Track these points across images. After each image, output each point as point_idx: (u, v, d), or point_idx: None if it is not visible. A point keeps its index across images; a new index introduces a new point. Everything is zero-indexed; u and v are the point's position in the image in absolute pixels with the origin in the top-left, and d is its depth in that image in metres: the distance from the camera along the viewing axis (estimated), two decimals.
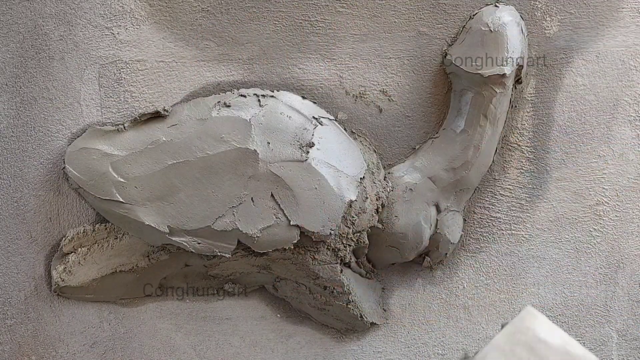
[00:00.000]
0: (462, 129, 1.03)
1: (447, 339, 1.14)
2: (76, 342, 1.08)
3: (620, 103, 1.08)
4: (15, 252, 1.04)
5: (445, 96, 1.05)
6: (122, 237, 1.04)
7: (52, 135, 1.01)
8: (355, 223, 1.00)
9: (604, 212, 1.11)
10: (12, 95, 1.00)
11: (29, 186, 1.02)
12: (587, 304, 1.14)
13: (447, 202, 1.05)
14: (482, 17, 1.00)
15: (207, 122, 0.97)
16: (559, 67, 1.06)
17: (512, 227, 1.11)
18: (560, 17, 1.04)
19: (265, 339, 1.12)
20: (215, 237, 0.97)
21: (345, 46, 1.03)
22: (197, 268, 1.05)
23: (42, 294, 1.06)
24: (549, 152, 1.09)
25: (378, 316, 1.11)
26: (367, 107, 1.05)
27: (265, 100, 0.99)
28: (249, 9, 1.01)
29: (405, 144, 1.07)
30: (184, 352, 1.11)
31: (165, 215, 0.97)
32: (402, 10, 1.02)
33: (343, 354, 1.13)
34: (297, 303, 1.10)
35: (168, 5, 1.00)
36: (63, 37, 0.99)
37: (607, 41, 1.06)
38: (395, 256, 1.07)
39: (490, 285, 1.13)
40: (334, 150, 0.99)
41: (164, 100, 1.02)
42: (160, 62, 1.01)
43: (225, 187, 0.96)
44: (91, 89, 1.01)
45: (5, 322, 1.06)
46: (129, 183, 0.97)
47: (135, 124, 0.99)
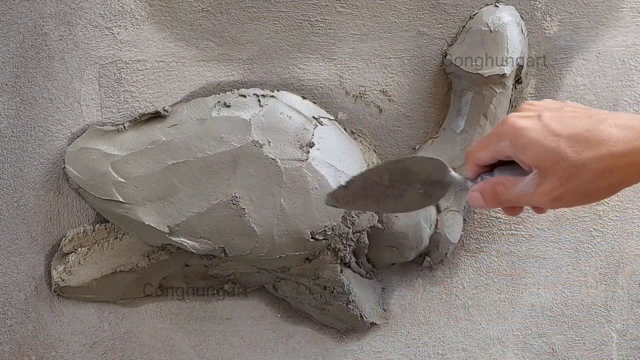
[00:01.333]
0: (462, 129, 1.03)
1: (447, 339, 1.14)
2: (76, 342, 1.08)
3: (620, 103, 1.08)
4: (15, 252, 1.04)
5: (445, 96, 1.05)
6: (122, 237, 1.04)
7: (52, 135, 1.01)
8: (355, 223, 1.00)
9: (604, 212, 1.11)
10: (12, 95, 1.00)
11: (29, 186, 1.02)
12: (587, 304, 1.14)
13: (447, 202, 1.05)
14: (482, 17, 1.00)
15: (207, 122, 0.97)
16: (559, 67, 1.06)
17: (512, 227, 1.11)
18: (560, 17, 1.04)
19: (265, 339, 1.12)
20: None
21: (345, 46, 1.03)
22: (197, 268, 1.05)
23: (42, 294, 1.06)
24: None
25: (378, 316, 1.11)
26: (367, 107, 1.05)
27: (265, 100, 0.99)
28: (249, 9, 1.01)
29: (405, 144, 1.07)
30: (184, 352, 1.11)
31: (165, 215, 0.97)
32: (402, 10, 1.02)
33: (343, 354, 1.13)
34: (297, 303, 1.10)
35: (168, 5, 1.00)
36: (63, 37, 0.99)
37: (607, 41, 1.06)
38: (395, 256, 1.07)
39: (490, 285, 1.13)
40: (334, 150, 0.99)
41: (164, 100, 1.02)
42: (160, 62, 1.01)
43: (225, 187, 0.96)
44: (91, 89, 1.01)
45: (5, 322, 1.06)
46: (129, 183, 0.97)
47: (135, 124, 0.99)
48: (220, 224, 0.96)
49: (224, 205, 0.96)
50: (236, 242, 0.97)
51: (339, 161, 0.98)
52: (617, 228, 1.12)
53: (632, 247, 1.13)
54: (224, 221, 0.96)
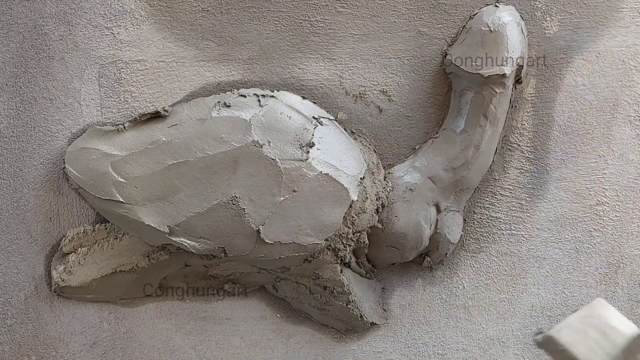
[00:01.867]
0: (462, 129, 1.03)
1: (447, 339, 1.14)
2: (76, 342, 1.08)
3: (620, 103, 1.08)
4: (15, 252, 1.04)
5: (445, 96, 1.05)
6: (122, 237, 1.04)
7: (52, 135, 1.01)
8: (355, 223, 1.00)
9: (604, 212, 1.11)
10: (12, 95, 1.00)
11: (29, 186, 1.02)
12: (587, 304, 1.14)
13: (447, 202, 1.05)
14: (482, 17, 1.00)
15: (207, 122, 0.97)
16: (559, 67, 1.06)
17: (512, 227, 1.11)
18: (560, 17, 1.04)
19: (265, 339, 1.12)
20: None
21: (345, 46, 1.03)
22: (197, 268, 1.05)
23: (42, 294, 1.06)
24: (549, 152, 1.09)
25: (378, 316, 1.11)
26: (367, 107, 1.05)
27: (265, 100, 0.99)
28: (249, 9, 1.01)
29: (405, 144, 1.07)
30: (184, 352, 1.11)
31: (165, 215, 0.97)
32: (402, 10, 1.02)
33: (343, 354, 1.13)
34: (297, 303, 1.10)
35: (168, 5, 1.00)
36: (63, 37, 0.99)
37: (607, 41, 1.06)
38: (395, 256, 1.07)
39: (490, 285, 1.13)
40: (334, 150, 0.99)
41: (164, 100, 1.02)
42: (160, 62, 1.01)
43: (225, 187, 0.96)
44: (91, 89, 1.01)
45: (5, 322, 1.06)
46: (129, 183, 0.97)
47: (135, 124, 0.99)
48: (220, 224, 0.96)
49: (224, 205, 0.96)
50: (236, 242, 0.97)
51: (339, 161, 0.98)
52: (617, 228, 1.12)
53: (632, 247, 1.13)
54: (224, 221, 0.96)
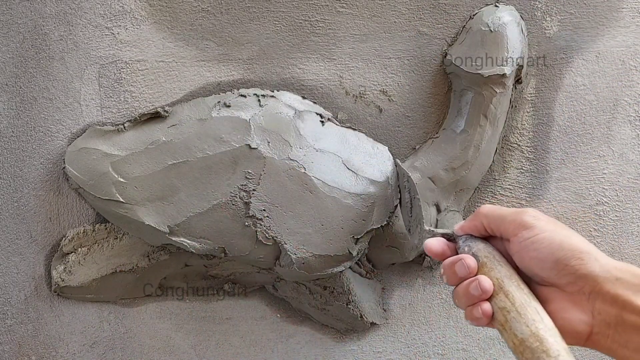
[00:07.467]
0: (462, 129, 1.03)
1: (447, 339, 1.14)
2: (76, 342, 1.08)
3: (620, 103, 1.08)
4: (15, 252, 1.04)
5: (445, 96, 1.05)
6: (122, 237, 1.04)
7: (52, 135, 1.01)
8: None
9: (604, 212, 1.11)
10: (12, 95, 1.00)
11: (29, 186, 1.02)
12: None
13: (447, 202, 1.05)
14: (482, 17, 1.00)
15: (207, 122, 0.97)
16: (559, 67, 1.06)
17: None
18: (560, 17, 1.04)
19: (265, 339, 1.12)
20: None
21: (345, 46, 1.03)
22: (197, 268, 1.05)
23: (42, 294, 1.06)
24: (549, 152, 1.09)
25: (378, 316, 1.11)
26: (367, 107, 1.05)
27: (265, 100, 0.99)
28: (249, 9, 1.01)
29: (405, 144, 1.07)
30: (184, 352, 1.11)
31: (165, 215, 0.97)
32: (402, 10, 1.02)
33: (343, 354, 1.13)
34: (297, 303, 1.10)
35: (168, 5, 1.00)
36: (63, 37, 0.99)
37: (607, 41, 1.06)
38: (395, 256, 1.07)
39: None
40: (334, 150, 0.98)
41: (164, 100, 1.02)
42: (160, 62, 1.01)
43: (225, 187, 0.96)
44: (91, 89, 1.01)
45: (5, 322, 1.06)
46: (129, 183, 0.97)
47: (135, 124, 0.99)
48: (220, 224, 0.96)
49: (224, 205, 0.96)
50: (236, 242, 0.97)
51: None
52: (617, 228, 1.12)
53: (632, 247, 1.13)
54: (224, 221, 0.96)
